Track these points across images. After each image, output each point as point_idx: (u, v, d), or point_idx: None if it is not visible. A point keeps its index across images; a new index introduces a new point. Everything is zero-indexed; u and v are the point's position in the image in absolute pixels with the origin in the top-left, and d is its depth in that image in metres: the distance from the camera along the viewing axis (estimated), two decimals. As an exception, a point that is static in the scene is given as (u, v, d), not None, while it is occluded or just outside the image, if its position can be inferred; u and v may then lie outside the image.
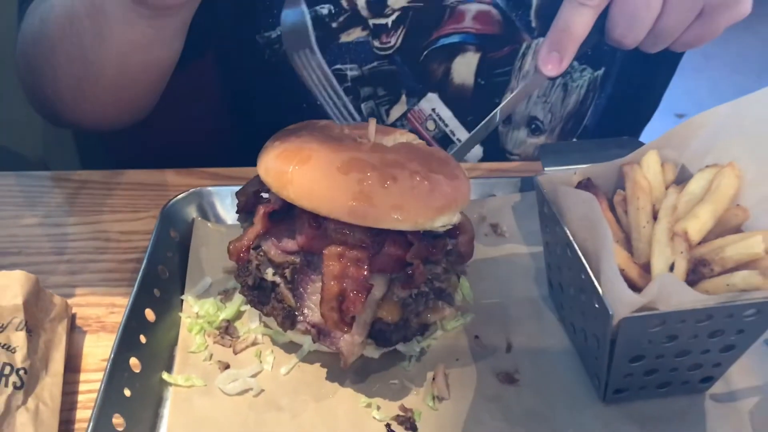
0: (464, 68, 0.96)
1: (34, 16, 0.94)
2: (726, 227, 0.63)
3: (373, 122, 0.70)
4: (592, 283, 0.60)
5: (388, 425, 0.65)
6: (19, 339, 0.65)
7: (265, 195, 0.71)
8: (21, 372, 0.64)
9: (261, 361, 0.70)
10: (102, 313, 0.76)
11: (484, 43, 0.96)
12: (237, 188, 0.76)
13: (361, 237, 0.63)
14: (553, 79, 0.82)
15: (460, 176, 0.69)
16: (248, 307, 0.74)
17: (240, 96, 1.14)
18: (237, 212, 0.74)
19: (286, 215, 0.68)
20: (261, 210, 0.68)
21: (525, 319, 0.75)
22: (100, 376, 0.66)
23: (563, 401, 0.67)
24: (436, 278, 0.69)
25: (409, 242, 0.66)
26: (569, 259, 0.65)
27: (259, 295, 0.70)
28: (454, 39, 0.98)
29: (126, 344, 0.67)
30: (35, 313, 0.68)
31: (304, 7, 0.69)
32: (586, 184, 0.68)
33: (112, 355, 0.65)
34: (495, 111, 0.78)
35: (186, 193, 0.85)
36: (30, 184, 0.95)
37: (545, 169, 0.71)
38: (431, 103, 1.01)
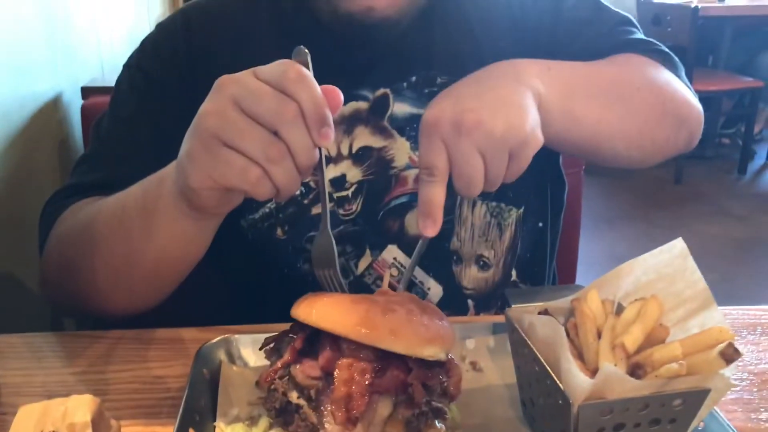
0: (415, 222, 1.10)
1: (74, 220, 1.11)
2: (653, 342, 0.82)
3: (387, 274, 0.92)
4: (555, 382, 0.77)
5: None
6: (87, 450, 0.78)
7: (291, 335, 0.88)
8: (90, 476, 0.76)
9: None
10: (147, 438, 0.89)
11: None
12: (257, 337, 0.95)
13: (368, 355, 0.80)
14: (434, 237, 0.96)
15: (446, 323, 0.87)
16: (274, 430, 0.86)
17: (219, 270, 1.30)
18: (261, 349, 0.90)
19: (310, 350, 0.85)
20: (293, 340, 0.85)
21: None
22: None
23: (541, 494, 0.81)
24: (433, 399, 0.83)
25: (409, 368, 0.82)
26: (536, 373, 0.83)
27: (285, 416, 0.84)
28: (403, 199, 1.20)
29: None
30: (99, 429, 0.82)
31: (331, 235, 0.89)
32: (545, 313, 0.88)
33: None
34: (416, 251, 0.96)
35: (216, 339, 1.01)
36: (70, 342, 1.09)
37: (513, 306, 0.91)
38: (391, 253, 1.21)
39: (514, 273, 1.29)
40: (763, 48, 5.86)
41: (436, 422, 0.84)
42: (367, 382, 0.78)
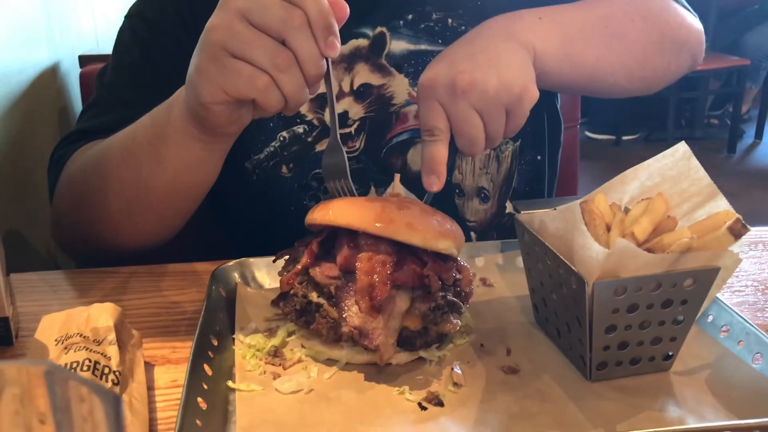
0: (418, 158, 1.16)
1: (83, 159, 1.12)
2: (662, 232, 0.85)
3: (397, 177, 0.94)
4: (568, 267, 0.79)
5: (419, 403, 0.79)
6: (112, 351, 0.79)
7: (306, 243, 0.90)
8: (117, 373, 0.78)
9: (307, 371, 0.85)
10: (166, 353, 0.90)
11: None
12: (271, 260, 0.99)
13: (386, 248, 0.83)
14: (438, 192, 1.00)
15: (456, 225, 0.90)
16: (292, 337, 0.90)
17: (224, 212, 1.33)
18: (276, 260, 0.93)
19: (326, 254, 0.87)
20: (310, 243, 0.87)
21: (519, 335, 0.92)
22: (172, 392, 0.82)
23: (558, 382, 0.83)
24: (448, 293, 0.87)
25: (424, 262, 0.85)
26: (548, 267, 0.85)
27: (306, 316, 0.86)
28: (405, 136, 1.23)
29: (196, 370, 0.80)
30: (121, 336, 0.83)
31: (341, 145, 0.93)
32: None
33: (189, 366, 0.79)
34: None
35: (232, 262, 1.04)
36: (85, 277, 1.11)
37: (521, 212, 0.93)
38: (395, 190, 1.24)
39: (508, 205, 1.32)
40: (748, 27, 5.92)
41: (452, 317, 0.86)
42: (388, 271, 0.81)
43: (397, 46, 1.22)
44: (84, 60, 1.87)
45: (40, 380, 0.39)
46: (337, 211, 0.84)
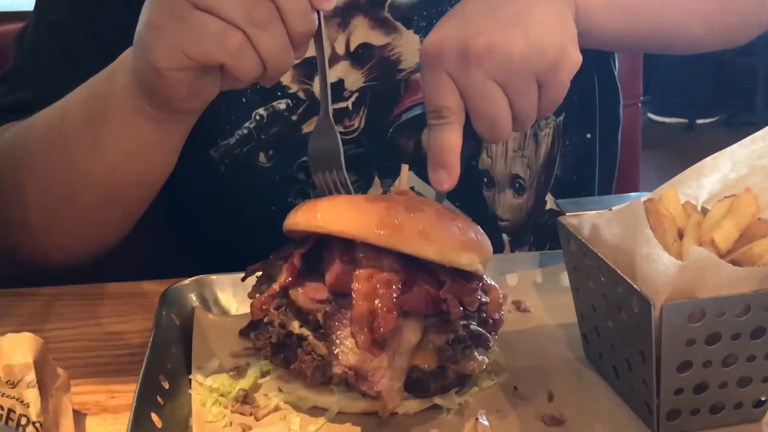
0: None
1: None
2: (751, 239, 0.85)
3: (405, 168, 0.92)
4: (629, 285, 0.79)
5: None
6: (31, 396, 0.78)
7: (285, 256, 0.89)
8: (37, 424, 0.77)
9: (287, 423, 0.84)
10: (102, 399, 0.90)
11: None
12: (239, 276, 0.98)
13: (391, 263, 0.82)
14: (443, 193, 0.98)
15: (482, 233, 0.90)
16: (266, 379, 0.90)
17: (180, 215, 1.33)
18: (245, 278, 0.93)
19: (311, 270, 0.87)
20: (291, 257, 0.86)
21: (564, 374, 0.92)
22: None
23: (616, 437, 0.82)
24: (471, 322, 0.86)
25: (441, 281, 0.84)
26: (602, 286, 0.85)
27: (285, 352, 0.86)
28: (417, 111, 1.22)
29: (140, 422, 0.79)
30: (43, 376, 0.83)
31: (334, 126, 0.92)
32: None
33: (132, 417, 0.78)
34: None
35: (188, 281, 1.03)
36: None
37: (567, 213, 0.93)
38: (408, 181, 1.23)
39: (549, 199, 1.32)
40: None
41: (476, 353, 0.86)
42: (393, 294, 0.80)
43: None
44: (-4, 18, 1.86)
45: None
46: (328, 214, 0.84)
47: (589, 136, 1.33)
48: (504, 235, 1.31)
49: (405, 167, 0.93)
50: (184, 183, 1.13)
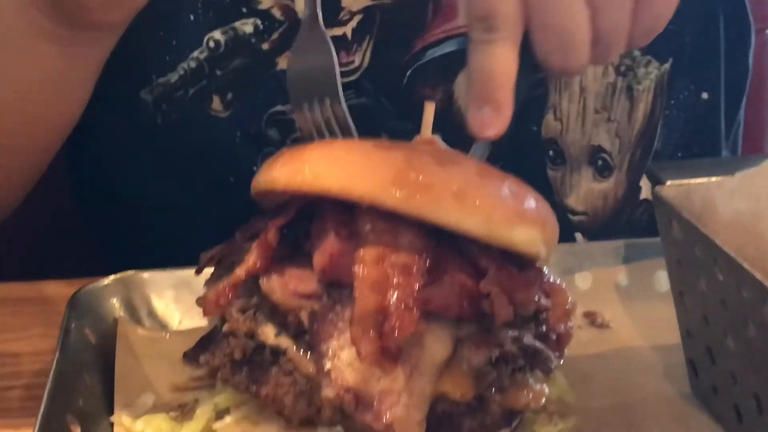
0: None
1: None
2: None
3: (430, 107, 0.86)
4: (759, 284, 0.71)
5: None
6: None
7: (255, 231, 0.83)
8: None
9: None
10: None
11: None
12: (184, 272, 0.95)
13: (412, 241, 0.75)
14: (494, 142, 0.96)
15: (544, 202, 0.83)
16: (224, 421, 0.84)
17: (96, 184, 1.31)
18: (200, 269, 0.88)
19: (292, 251, 0.81)
20: (264, 229, 0.80)
21: (660, 420, 0.86)
22: None
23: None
24: (525, 332, 0.79)
25: (482, 270, 0.77)
26: (720, 285, 0.78)
27: (254, 372, 0.80)
28: (450, 46, 1.18)
29: None
30: None
31: (326, 34, 0.90)
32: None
33: None
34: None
35: (108, 279, 0.99)
36: None
37: (667, 183, 0.87)
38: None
39: (645, 185, 1.28)
40: None
41: (532, 380, 0.80)
42: (414, 285, 0.73)
43: None
44: None
45: None
46: (320, 167, 0.77)
47: (705, 96, 1.29)
48: (578, 235, 1.28)
49: (430, 106, 0.88)
50: (101, 142, 1.10)
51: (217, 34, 1.16)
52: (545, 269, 0.84)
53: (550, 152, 1.23)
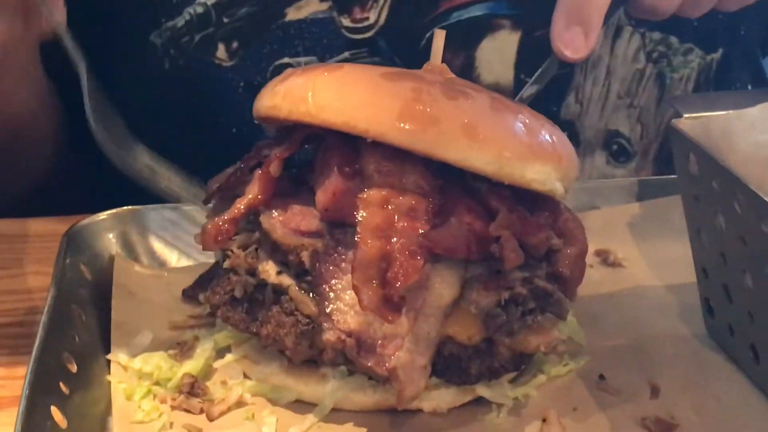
0: (497, 57, 1.09)
1: None
2: None
3: (440, 34, 0.83)
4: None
5: None
6: None
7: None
8: None
9: (256, 424, 0.77)
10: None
11: (525, 14, 1.12)
12: (181, 208, 0.96)
13: (418, 180, 0.74)
14: (571, 66, 0.96)
15: (560, 134, 0.81)
16: (225, 359, 0.83)
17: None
18: (208, 200, 0.86)
19: (295, 186, 0.80)
20: (267, 160, 0.79)
21: (674, 359, 0.86)
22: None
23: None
24: (537, 274, 0.78)
25: (493, 210, 0.75)
26: (739, 221, 0.77)
27: (254, 311, 0.79)
28: (476, 10, 1.15)
29: (35, 419, 0.73)
30: None
31: None
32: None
33: (22, 411, 0.72)
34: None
35: (104, 214, 0.99)
36: None
37: (685, 116, 0.85)
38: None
39: None
40: None
41: (544, 323, 0.78)
42: (420, 227, 0.72)
43: None
44: None
45: None
46: (324, 97, 0.75)
47: (748, 86, 1.29)
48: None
49: (440, 33, 0.85)
50: (110, 85, 1.07)
51: None
52: (563, 206, 0.82)
53: (567, 134, 1.22)
